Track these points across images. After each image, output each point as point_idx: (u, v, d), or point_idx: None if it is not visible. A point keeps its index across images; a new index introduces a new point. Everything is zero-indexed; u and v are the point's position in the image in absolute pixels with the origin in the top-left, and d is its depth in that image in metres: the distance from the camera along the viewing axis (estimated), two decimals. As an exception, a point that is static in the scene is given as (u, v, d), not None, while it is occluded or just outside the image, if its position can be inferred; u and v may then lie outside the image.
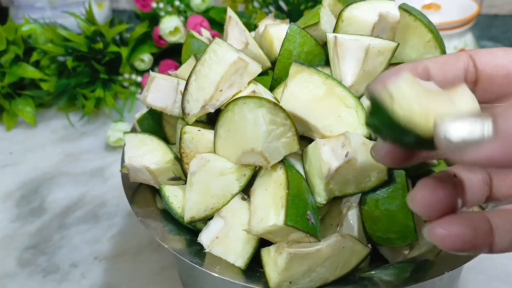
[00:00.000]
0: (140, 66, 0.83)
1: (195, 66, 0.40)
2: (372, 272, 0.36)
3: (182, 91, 0.40)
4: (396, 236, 0.36)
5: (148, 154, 0.40)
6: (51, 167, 0.73)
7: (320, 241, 0.33)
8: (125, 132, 0.41)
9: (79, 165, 0.73)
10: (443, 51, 0.40)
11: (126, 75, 0.81)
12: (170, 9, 0.81)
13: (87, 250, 0.60)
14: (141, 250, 0.59)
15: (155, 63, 0.86)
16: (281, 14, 0.79)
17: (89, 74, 0.80)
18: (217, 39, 0.40)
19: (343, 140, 0.34)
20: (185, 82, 0.40)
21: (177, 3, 0.82)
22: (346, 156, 0.33)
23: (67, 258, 0.59)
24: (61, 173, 0.72)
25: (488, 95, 0.27)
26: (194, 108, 0.39)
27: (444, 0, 0.82)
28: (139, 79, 0.83)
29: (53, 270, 0.58)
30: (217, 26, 0.84)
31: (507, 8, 1.08)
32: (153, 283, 0.55)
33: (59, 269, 0.58)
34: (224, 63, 0.38)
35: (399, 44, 0.38)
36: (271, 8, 0.79)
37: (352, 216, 0.37)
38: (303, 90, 0.36)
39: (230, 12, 0.46)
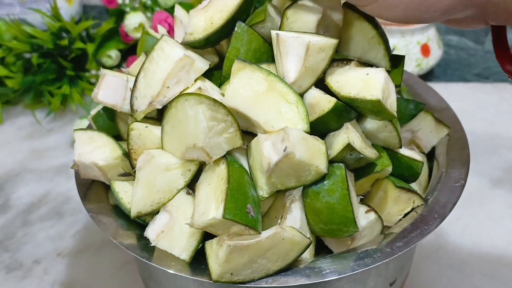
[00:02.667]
0: (108, 62, 0.83)
1: (143, 63, 0.41)
2: (317, 262, 0.37)
3: (131, 88, 0.41)
4: (337, 228, 0.37)
5: (96, 150, 0.41)
6: (17, 164, 0.73)
7: (260, 233, 0.34)
8: (75, 129, 0.42)
9: (44, 162, 0.73)
10: (387, 48, 0.41)
11: (93, 72, 0.81)
12: (136, 5, 0.81)
13: (50, 246, 0.60)
14: (103, 245, 0.60)
15: (123, 59, 0.86)
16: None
17: (55, 70, 0.80)
18: (165, 37, 0.41)
19: (282, 135, 0.35)
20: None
21: (143, -2, 0.82)
22: (284, 150, 0.34)
23: (30, 255, 0.59)
24: (26, 170, 0.72)
25: None
26: (142, 105, 0.40)
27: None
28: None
29: (16, 266, 0.58)
30: (185, 22, 0.84)
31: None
32: (115, 278, 0.56)
33: (22, 265, 0.58)
34: (170, 60, 0.39)
35: (339, 41, 0.39)
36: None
37: (295, 209, 0.38)
38: (245, 87, 0.37)
39: (176, 11, 0.47)
